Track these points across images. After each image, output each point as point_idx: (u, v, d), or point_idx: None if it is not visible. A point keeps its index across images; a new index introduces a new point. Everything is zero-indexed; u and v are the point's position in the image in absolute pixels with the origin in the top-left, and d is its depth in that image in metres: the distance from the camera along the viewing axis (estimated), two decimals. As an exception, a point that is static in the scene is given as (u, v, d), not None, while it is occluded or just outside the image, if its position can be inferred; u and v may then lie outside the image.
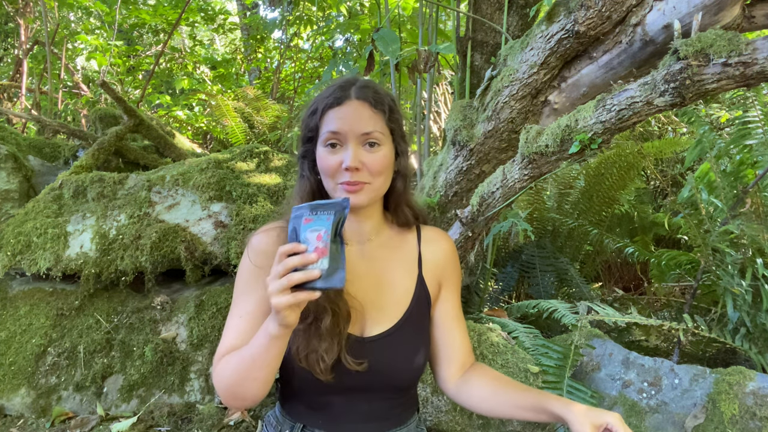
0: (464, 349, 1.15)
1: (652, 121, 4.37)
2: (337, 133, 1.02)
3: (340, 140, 1.02)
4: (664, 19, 1.59)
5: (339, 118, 1.02)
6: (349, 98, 1.04)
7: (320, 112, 1.04)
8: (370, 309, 1.06)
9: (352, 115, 1.03)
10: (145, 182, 2.57)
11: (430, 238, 1.17)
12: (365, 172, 1.02)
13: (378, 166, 1.03)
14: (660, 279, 2.94)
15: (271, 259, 1.04)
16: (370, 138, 1.02)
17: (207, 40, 8.68)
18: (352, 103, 1.03)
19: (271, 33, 6.73)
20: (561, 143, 1.63)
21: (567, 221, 2.97)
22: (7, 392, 2.35)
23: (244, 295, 1.05)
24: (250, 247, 1.08)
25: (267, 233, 1.09)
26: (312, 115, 1.06)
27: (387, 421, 1.07)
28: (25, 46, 5.69)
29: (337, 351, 0.98)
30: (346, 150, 1.01)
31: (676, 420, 1.64)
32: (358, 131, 1.02)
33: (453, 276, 1.17)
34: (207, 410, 2.24)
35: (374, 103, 1.05)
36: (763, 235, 1.92)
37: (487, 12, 2.54)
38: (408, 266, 1.12)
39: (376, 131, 1.03)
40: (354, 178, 1.01)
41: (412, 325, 1.08)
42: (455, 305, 1.16)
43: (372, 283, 1.08)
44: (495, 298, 2.98)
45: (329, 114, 1.03)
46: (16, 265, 2.46)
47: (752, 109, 2.21)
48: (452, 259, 1.18)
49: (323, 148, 1.04)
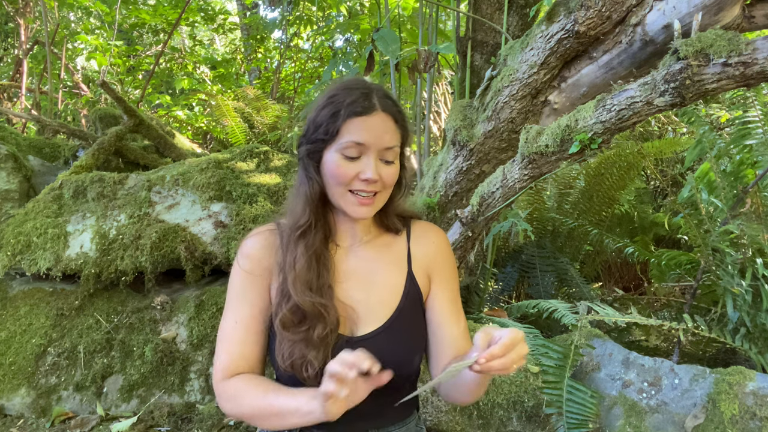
0: (457, 345, 1.08)
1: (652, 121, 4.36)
2: (361, 145, 0.99)
3: (362, 152, 1.00)
4: (664, 19, 1.59)
5: (365, 129, 0.99)
6: (375, 109, 1.00)
7: (343, 117, 0.99)
8: (358, 309, 1.05)
9: (378, 128, 1.00)
10: (145, 182, 2.57)
11: (419, 233, 1.15)
12: (380, 184, 1.02)
13: (391, 180, 1.04)
14: (660, 279, 2.94)
15: (260, 262, 1.05)
16: (388, 155, 1.02)
17: (207, 40, 8.68)
18: (379, 115, 1.01)
19: (271, 33, 6.73)
20: (561, 143, 1.63)
21: (567, 221, 2.97)
22: (7, 392, 2.35)
23: (237, 300, 1.05)
24: (241, 252, 1.08)
25: (256, 237, 1.09)
26: (331, 117, 1.01)
27: (383, 418, 1.06)
28: (25, 46, 5.69)
29: (324, 357, 0.97)
30: (367, 161, 0.99)
31: (676, 420, 1.63)
32: (382, 145, 1.00)
33: (443, 269, 1.13)
34: (207, 410, 2.24)
35: (397, 119, 1.03)
36: (763, 235, 1.92)
37: (487, 12, 2.54)
38: (397, 263, 1.11)
39: (396, 147, 1.03)
40: (370, 188, 1.00)
41: (403, 324, 1.06)
42: (447, 299, 1.11)
43: (360, 282, 1.08)
44: (495, 298, 2.98)
45: (354, 122, 0.99)
46: (16, 265, 2.46)
47: (752, 109, 2.20)
48: (441, 251, 1.14)
49: (339, 155, 1.00)
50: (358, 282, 1.08)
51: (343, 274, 1.07)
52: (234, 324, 1.03)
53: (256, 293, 1.05)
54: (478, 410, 1.87)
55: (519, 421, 1.83)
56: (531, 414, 1.81)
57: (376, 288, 1.08)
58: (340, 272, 1.07)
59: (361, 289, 1.07)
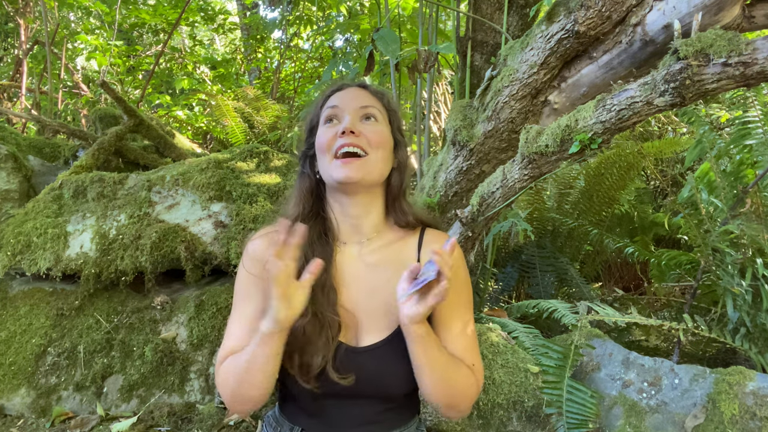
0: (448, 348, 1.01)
1: (652, 121, 4.37)
2: (335, 107, 1.06)
3: (338, 114, 1.06)
4: (664, 19, 1.59)
5: (338, 97, 1.08)
6: (349, 86, 1.11)
7: (321, 102, 1.10)
8: (363, 316, 1.03)
9: (351, 94, 1.08)
10: (145, 182, 2.57)
11: (430, 241, 1.11)
12: (363, 140, 1.02)
13: (376, 137, 1.03)
14: (660, 279, 2.94)
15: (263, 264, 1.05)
16: (367, 111, 1.06)
17: (207, 40, 8.68)
18: (352, 89, 1.10)
19: (271, 33, 6.73)
20: (561, 143, 1.62)
21: (567, 221, 2.97)
22: (7, 392, 2.35)
23: (242, 301, 1.06)
24: (246, 253, 1.09)
25: (259, 240, 1.09)
26: (315, 108, 1.11)
27: (382, 424, 1.05)
28: (25, 46, 5.69)
29: (323, 362, 0.96)
30: (343, 121, 1.04)
31: (676, 420, 1.63)
32: (356, 105, 1.06)
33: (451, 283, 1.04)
34: (207, 410, 2.24)
35: (373, 91, 1.11)
36: (763, 235, 1.92)
37: (487, 12, 2.54)
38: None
39: (374, 107, 1.07)
40: (350, 140, 1.00)
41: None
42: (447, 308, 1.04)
43: (367, 288, 1.05)
44: (495, 298, 2.98)
45: (329, 99, 1.09)
46: (16, 265, 2.46)
47: (752, 109, 2.20)
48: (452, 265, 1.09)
49: (322, 128, 1.07)
50: (364, 288, 1.05)
51: (348, 277, 1.05)
52: (239, 321, 1.04)
53: (260, 294, 1.04)
54: (478, 410, 1.87)
55: (519, 421, 1.82)
56: (531, 414, 1.81)
57: (381, 296, 1.04)
58: (344, 275, 1.05)
59: (366, 296, 1.05)
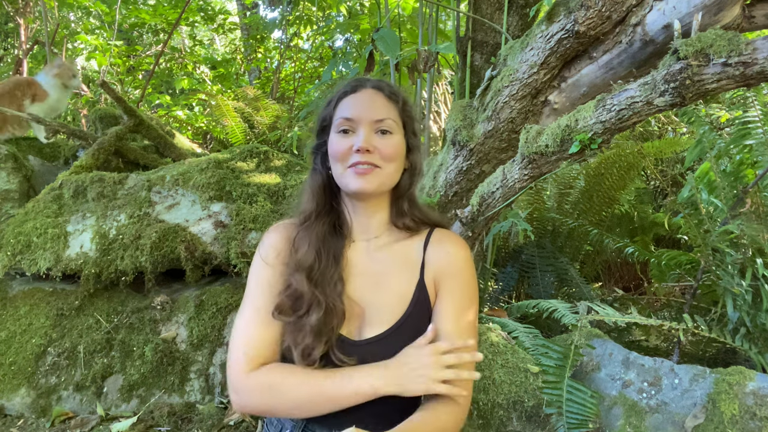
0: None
1: (652, 121, 4.37)
2: (350, 120, 1.04)
3: (353, 126, 1.04)
4: (664, 19, 1.59)
5: (353, 105, 1.05)
6: (364, 87, 1.07)
7: (335, 101, 1.08)
8: (366, 309, 1.05)
9: (366, 102, 1.05)
10: (145, 182, 2.57)
11: (437, 241, 1.12)
12: (376, 156, 1.02)
13: (390, 151, 1.04)
14: (660, 279, 2.93)
15: (279, 254, 1.07)
16: (382, 125, 1.04)
17: (207, 40, 8.68)
18: (367, 91, 1.07)
19: (271, 33, 6.73)
20: (561, 143, 1.62)
21: (567, 221, 2.97)
22: (7, 392, 2.35)
23: (256, 289, 1.07)
24: (262, 244, 1.10)
25: (276, 231, 1.12)
26: (328, 106, 1.09)
27: (386, 418, 1.05)
28: (25, 46, 5.69)
29: (325, 347, 0.98)
30: (358, 134, 1.03)
31: (676, 420, 1.63)
32: (371, 117, 1.03)
33: (451, 281, 1.09)
34: (207, 410, 2.24)
35: (389, 94, 1.08)
36: (763, 235, 1.92)
37: (487, 12, 2.54)
38: (410, 270, 1.09)
39: (389, 119, 1.05)
40: (364, 159, 1.01)
41: (409, 332, 1.05)
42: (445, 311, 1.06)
43: (371, 282, 1.07)
44: (495, 298, 2.98)
45: (344, 101, 1.07)
46: (16, 265, 2.46)
47: (752, 109, 2.20)
48: (454, 263, 1.10)
49: (335, 135, 1.05)
50: (369, 282, 1.07)
51: (355, 269, 1.07)
52: (253, 311, 1.04)
53: (274, 282, 1.06)
54: (478, 410, 1.87)
55: (519, 421, 1.82)
56: (531, 414, 1.81)
57: (386, 292, 1.07)
58: (352, 267, 1.07)
59: (370, 290, 1.07)
